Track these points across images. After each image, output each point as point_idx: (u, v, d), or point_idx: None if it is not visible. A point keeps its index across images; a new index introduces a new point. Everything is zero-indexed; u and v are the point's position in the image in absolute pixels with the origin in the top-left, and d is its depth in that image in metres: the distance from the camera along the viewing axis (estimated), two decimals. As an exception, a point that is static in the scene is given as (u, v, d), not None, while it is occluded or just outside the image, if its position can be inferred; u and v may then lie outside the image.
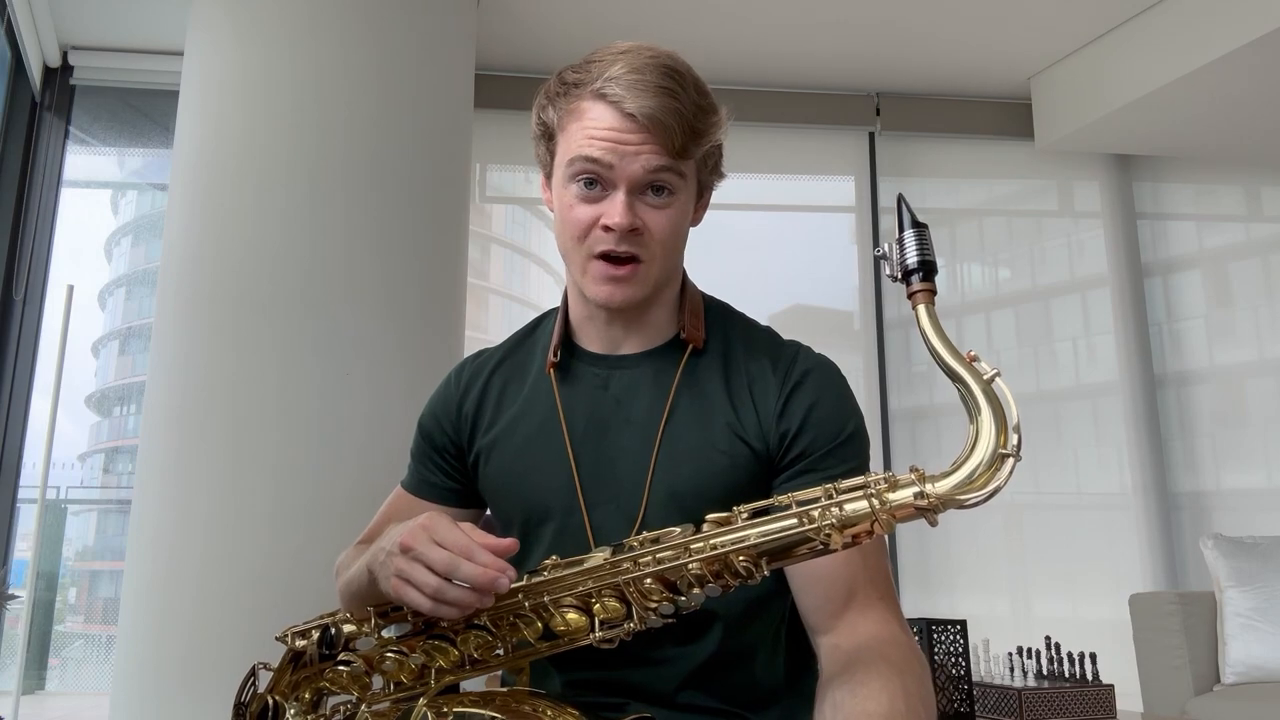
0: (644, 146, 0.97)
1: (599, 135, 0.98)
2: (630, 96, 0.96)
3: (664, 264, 1.03)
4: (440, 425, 1.16)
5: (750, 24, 3.65)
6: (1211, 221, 4.47)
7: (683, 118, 0.97)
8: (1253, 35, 3.22)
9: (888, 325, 4.07)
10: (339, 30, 2.82)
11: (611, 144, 0.97)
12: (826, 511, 0.81)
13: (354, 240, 2.68)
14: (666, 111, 0.96)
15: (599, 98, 0.98)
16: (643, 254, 1.00)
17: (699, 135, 1.00)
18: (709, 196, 1.11)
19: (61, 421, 3.34)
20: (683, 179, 1.01)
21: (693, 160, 1.02)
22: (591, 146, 0.98)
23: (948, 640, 2.14)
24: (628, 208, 0.98)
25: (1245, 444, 4.13)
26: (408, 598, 0.88)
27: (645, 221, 0.99)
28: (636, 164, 0.97)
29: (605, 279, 1.01)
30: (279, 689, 0.93)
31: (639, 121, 0.96)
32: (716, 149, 1.06)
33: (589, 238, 1.00)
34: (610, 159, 0.97)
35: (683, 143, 0.98)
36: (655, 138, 0.97)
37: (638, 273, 1.01)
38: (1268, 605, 2.88)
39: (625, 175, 0.98)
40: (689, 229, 1.08)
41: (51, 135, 3.64)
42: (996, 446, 0.78)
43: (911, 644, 0.94)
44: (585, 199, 1.00)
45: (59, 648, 3.75)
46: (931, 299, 0.84)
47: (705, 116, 1.00)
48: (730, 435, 1.02)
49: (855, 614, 0.95)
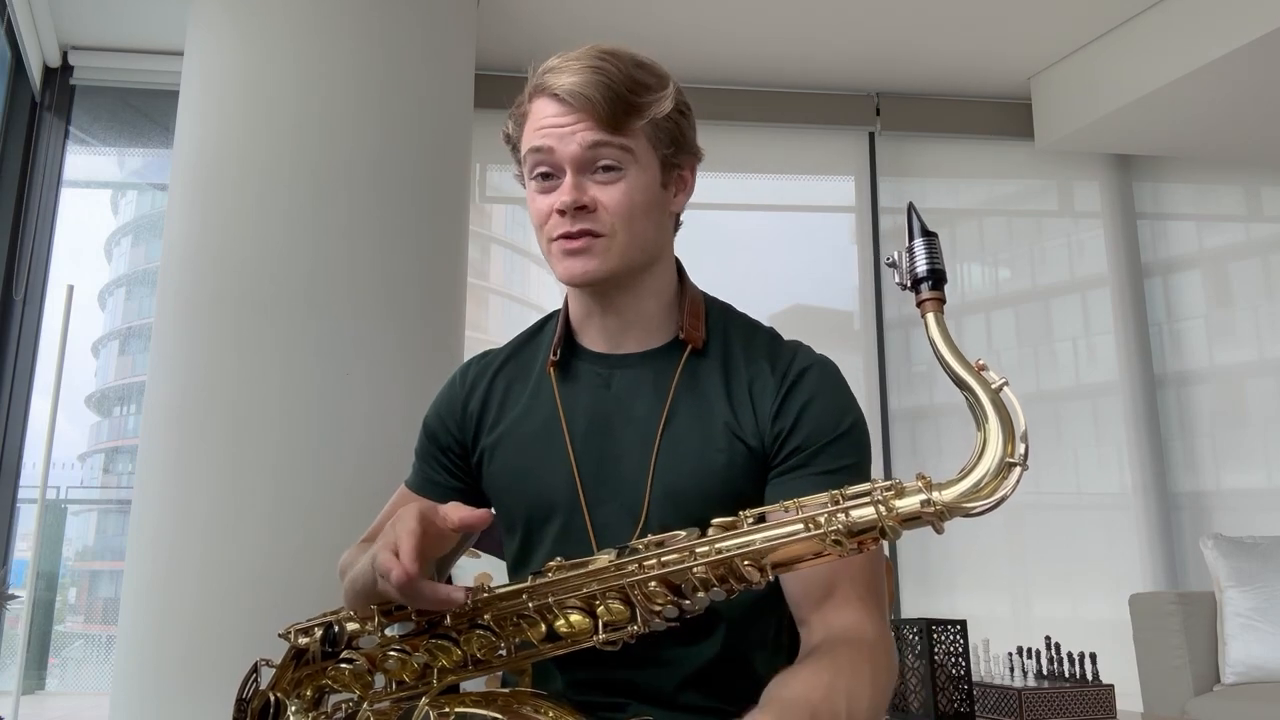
0: (578, 125, 1.00)
1: (541, 124, 1.02)
2: (558, 80, 1.01)
3: (627, 240, 1.02)
4: (445, 425, 1.16)
5: (750, 24, 3.66)
6: (1211, 221, 4.47)
7: (610, 90, 1.00)
8: (1253, 35, 3.22)
9: (888, 325, 4.07)
10: (339, 30, 2.82)
11: (549, 129, 1.01)
12: (832, 517, 0.81)
13: (354, 240, 2.68)
14: (590, 85, 0.99)
15: (538, 93, 1.04)
16: (597, 227, 1.01)
17: (632, 108, 1.01)
18: (690, 180, 1.10)
19: (61, 421, 3.34)
20: (629, 153, 1.02)
21: (636, 134, 1.02)
22: (535, 138, 1.03)
23: (948, 640, 2.14)
24: (572, 186, 1.01)
25: (1245, 444, 4.13)
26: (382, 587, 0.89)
27: (596, 198, 1.01)
28: (573, 143, 1.00)
29: (564, 254, 1.03)
30: (281, 686, 0.93)
31: (569, 101, 1.00)
32: (674, 123, 1.05)
33: (548, 224, 1.03)
34: (550, 143, 1.01)
35: (611, 113, 1.00)
36: (589, 114, 1.00)
37: (594, 245, 1.02)
38: (1268, 605, 2.88)
39: (566, 156, 1.01)
40: (666, 210, 1.07)
41: (51, 135, 3.64)
42: (1004, 455, 0.78)
43: (880, 645, 0.95)
44: (542, 190, 1.04)
45: (59, 648, 3.75)
46: (940, 307, 0.84)
47: (641, 90, 1.02)
48: (729, 435, 1.03)
49: (831, 609, 0.96)
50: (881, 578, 1.00)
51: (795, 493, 0.97)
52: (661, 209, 1.07)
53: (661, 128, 1.05)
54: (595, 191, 1.01)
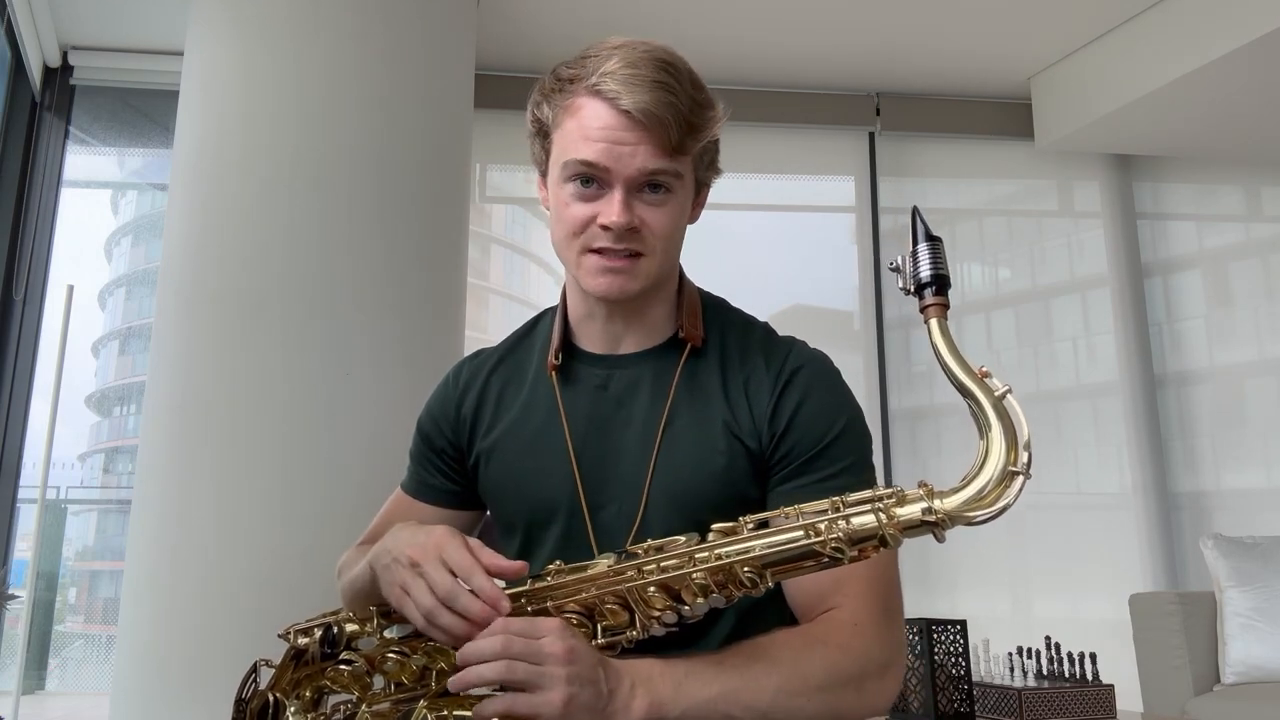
0: (640, 145, 0.96)
1: (595, 135, 0.97)
2: (626, 92, 0.95)
3: (663, 260, 1.02)
4: (439, 427, 1.16)
5: (750, 24, 3.65)
6: (1211, 221, 4.47)
7: (679, 113, 0.96)
8: (1253, 35, 3.22)
9: (888, 325, 4.06)
10: (339, 30, 2.81)
11: (607, 144, 0.96)
12: (833, 525, 0.81)
13: (354, 240, 2.68)
14: (663, 106, 0.95)
15: (594, 94, 0.97)
16: (642, 249, 1.00)
17: (695, 131, 0.99)
18: (706, 194, 1.10)
19: (61, 421, 3.34)
20: (680, 178, 1.00)
21: (689, 157, 1.01)
22: (587, 149, 0.97)
23: (948, 640, 2.14)
24: (625, 207, 0.97)
25: (1245, 444, 4.12)
26: (406, 610, 0.89)
27: (643, 219, 0.99)
28: (634, 164, 0.96)
29: (602, 271, 1.00)
30: (280, 686, 0.93)
31: (635, 118, 0.95)
32: (713, 145, 1.05)
33: (585, 233, 1.00)
34: (606, 162, 0.96)
35: (679, 139, 0.97)
36: (652, 135, 0.96)
37: (637, 266, 1.00)
38: (1268, 605, 2.88)
39: (622, 175, 0.97)
40: (686, 226, 1.07)
41: (51, 135, 3.63)
42: (1007, 464, 0.78)
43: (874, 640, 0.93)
44: (581, 197, 0.99)
45: (59, 648, 3.75)
46: (944, 313, 0.83)
47: (702, 112, 0.99)
48: (728, 435, 1.02)
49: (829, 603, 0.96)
50: (892, 586, 0.98)
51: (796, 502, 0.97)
52: (685, 225, 1.07)
53: (708, 150, 1.04)
54: (643, 212, 0.99)
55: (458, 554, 0.87)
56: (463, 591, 0.85)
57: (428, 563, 0.87)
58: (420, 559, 0.88)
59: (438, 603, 0.86)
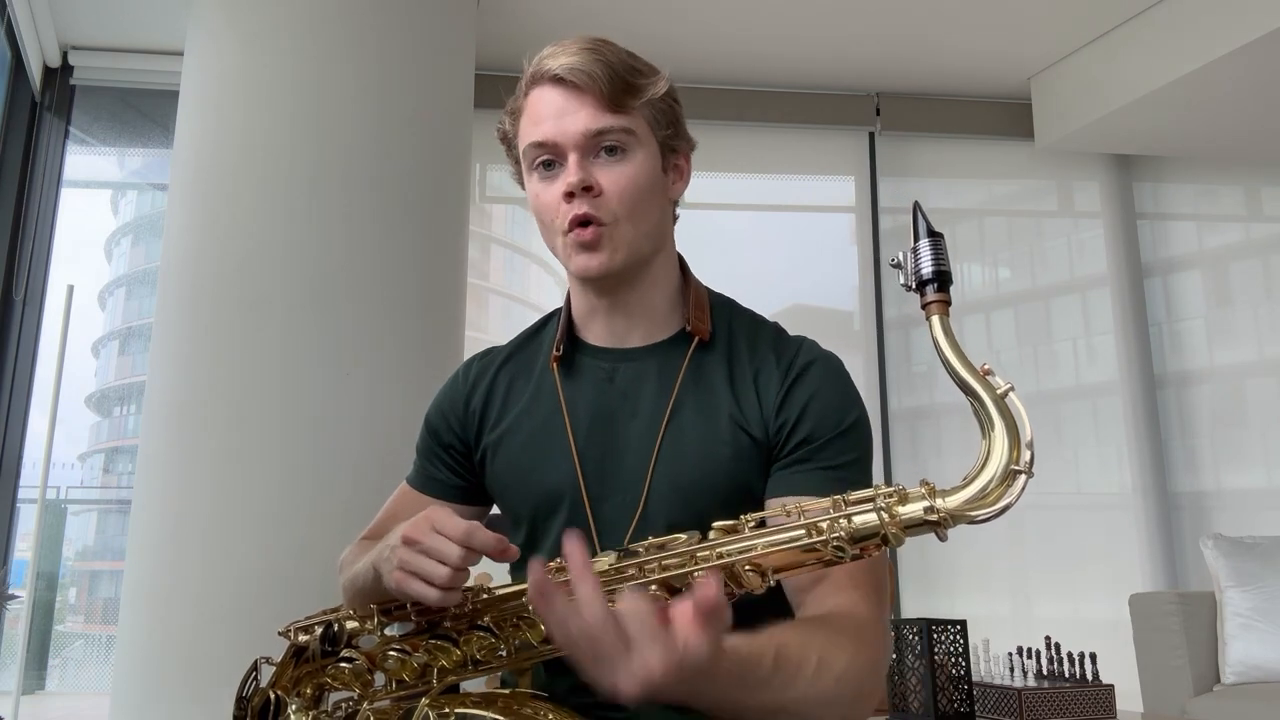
0: (580, 110, 1.00)
1: (539, 117, 1.02)
2: (555, 62, 1.01)
3: (633, 226, 1.03)
4: (447, 422, 1.16)
5: (750, 24, 3.66)
6: (1211, 221, 4.47)
7: (610, 68, 1.01)
8: (1253, 35, 3.22)
9: (888, 325, 4.07)
10: (339, 30, 2.81)
11: (551, 119, 1.01)
12: (835, 523, 0.80)
13: (354, 240, 2.68)
14: (591, 63, 1.00)
15: (536, 82, 1.04)
16: (603, 215, 1.01)
17: (632, 88, 1.02)
18: (687, 169, 1.11)
19: (61, 421, 3.34)
20: (633, 135, 1.02)
21: (636, 116, 1.03)
22: (535, 132, 1.02)
23: (948, 640, 2.14)
24: (577, 167, 1.00)
25: (1245, 444, 4.13)
26: (413, 589, 0.88)
27: (600, 182, 1.01)
28: (577, 124, 1.00)
29: (576, 248, 1.02)
30: (281, 684, 0.93)
31: (568, 82, 1.00)
32: (669, 108, 1.07)
33: (556, 218, 1.03)
34: (554, 136, 1.01)
35: (612, 92, 1.01)
36: (587, 96, 1.00)
37: (604, 234, 1.01)
38: (1268, 605, 2.88)
39: (570, 139, 1.01)
40: (667, 197, 1.08)
41: (51, 135, 3.63)
42: (1009, 462, 0.78)
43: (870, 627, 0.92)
44: (545, 180, 1.04)
45: (59, 648, 3.75)
46: (946, 310, 0.82)
47: (637, 74, 1.04)
48: (733, 427, 1.03)
49: (825, 591, 0.94)
50: (881, 566, 0.98)
51: (798, 486, 0.97)
52: (662, 194, 1.07)
53: (659, 109, 1.06)
54: (599, 174, 1.01)
55: (449, 520, 0.88)
56: (473, 555, 0.87)
57: (425, 536, 0.88)
58: (415, 535, 0.89)
59: (453, 571, 0.86)
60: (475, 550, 0.87)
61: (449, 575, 0.87)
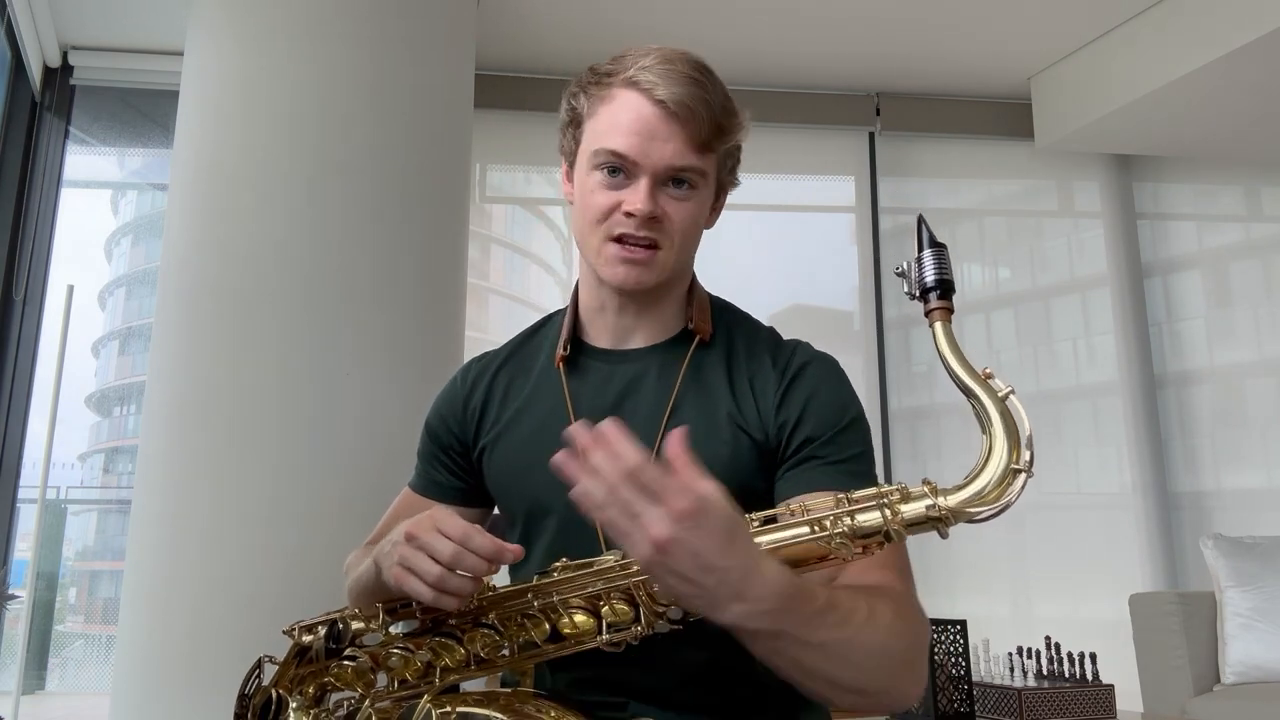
0: (671, 140, 1.00)
1: (627, 127, 1.00)
2: (663, 84, 0.99)
3: (679, 255, 1.06)
4: (446, 424, 1.17)
5: (750, 24, 3.66)
6: (1211, 221, 4.47)
7: (710, 110, 1.00)
8: (1252, 35, 3.22)
9: (888, 325, 4.07)
10: (339, 30, 2.81)
11: (639, 136, 1.00)
12: (838, 521, 0.82)
13: (353, 240, 2.68)
14: (697, 100, 0.99)
15: (630, 85, 1.02)
16: (661, 240, 1.03)
17: (723, 132, 1.03)
18: (724, 200, 1.13)
19: (61, 421, 3.34)
20: (704, 177, 1.04)
21: (715, 156, 1.04)
22: (618, 140, 1.01)
23: (948, 640, 2.14)
24: (650, 196, 1.01)
25: (1245, 444, 4.13)
26: (409, 586, 0.89)
27: (666, 211, 1.02)
28: (665, 153, 1.00)
29: (621, 260, 1.03)
30: (283, 683, 0.94)
31: (669, 109, 0.99)
32: (736, 150, 1.09)
33: (608, 221, 1.03)
34: (635, 155, 1.00)
35: (708, 135, 1.01)
36: (684, 130, 1.00)
37: (655, 258, 1.03)
38: (1268, 605, 2.88)
39: (650, 165, 1.00)
40: (704, 227, 1.10)
41: (51, 135, 3.63)
42: (1009, 462, 0.80)
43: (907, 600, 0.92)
44: (607, 185, 1.03)
45: (59, 648, 3.75)
46: (949, 317, 0.86)
47: (730, 115, 1.04)
48: (732, 426, 1.04)
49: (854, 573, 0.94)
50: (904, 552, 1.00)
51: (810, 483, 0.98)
52: (703, 226, 1.10)
53: (732, 155, 1.08)
54: (666, 204, 1.02)
55: (451, 521, 0.89)
56: (466, 554, 0.87)
57: (425, 534, 0.89)
58: (416, 532, 0.90)
59: (444, 569, 0.87)
60: (471, 551, 0.87)
61: (440, 574, 0.87)
